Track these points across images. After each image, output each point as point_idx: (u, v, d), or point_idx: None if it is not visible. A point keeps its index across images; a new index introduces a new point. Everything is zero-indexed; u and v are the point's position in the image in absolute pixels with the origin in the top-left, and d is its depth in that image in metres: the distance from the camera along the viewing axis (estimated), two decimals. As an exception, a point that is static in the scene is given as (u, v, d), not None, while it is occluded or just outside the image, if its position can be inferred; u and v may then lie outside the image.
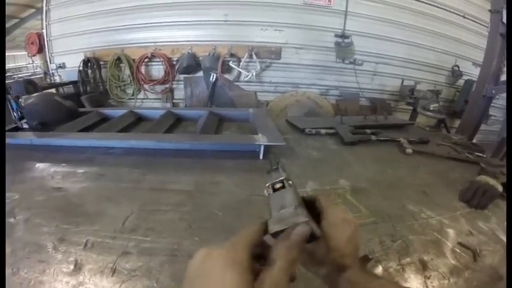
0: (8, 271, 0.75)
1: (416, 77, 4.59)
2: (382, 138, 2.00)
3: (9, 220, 0.97)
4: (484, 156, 1.74)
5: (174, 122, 2.16)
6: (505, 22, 3.03)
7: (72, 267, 0.77)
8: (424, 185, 1.37)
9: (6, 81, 4.35)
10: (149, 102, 4.87)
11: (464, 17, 4.53)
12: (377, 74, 4.65)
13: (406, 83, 4.53)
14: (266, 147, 1.54)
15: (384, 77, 4.67)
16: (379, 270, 0.82)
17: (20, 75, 6.19)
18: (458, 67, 4.73)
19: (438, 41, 4.60)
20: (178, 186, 1.21)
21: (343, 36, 4.30)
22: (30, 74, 5.79)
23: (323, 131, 2.08)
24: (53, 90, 4.70)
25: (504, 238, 1.00)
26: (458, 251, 0.93)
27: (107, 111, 2.31)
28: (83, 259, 0.80)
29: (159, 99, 4.82)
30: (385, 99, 4.74)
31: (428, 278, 0.81)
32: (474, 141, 2.92)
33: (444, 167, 1.60)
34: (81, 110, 2.26)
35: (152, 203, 1.09)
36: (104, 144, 1.63)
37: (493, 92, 3.25)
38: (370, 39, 4.41)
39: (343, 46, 4.31)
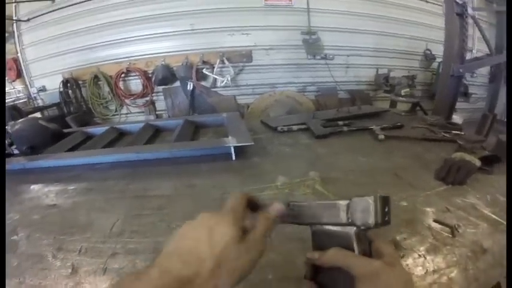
0: (15, 281, 0.92)
1: (390, 65, 4.95)
2: (354, 128, 2.07)
3: (12, 238, 1.16)
4: (462, 133, 1.80)
5: (154, 133, 2.40)
6: (459, 1, 3.29)
7: (70, 271, 0.95)
8: (397, 168, 1.43)
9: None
10: (133, 116, 5.19)
11: (427, 1, 4.85)
12: (350, 66, 4.99)
13: (381, 71, 4.87)
14: (238, 148, 1.72)
15: (357, 68, 5.03)
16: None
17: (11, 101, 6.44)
18: (430, 51, 5.06)
19: (407, 28, 4.96)
20: (158, 192, 1.41)
21: (310, 33, 4.62)
22: (14, 99, 6.04)
23: (295, 128, 2.16)
24: (38, 114, 5.02)
25: (485, 211, 1.04)
26: (435, 228, 0.96)
27: (91, 129, 2.54)
28: (78, 263, 0.98)
29: (142, 112, 5.15)
30: (363, 90, 5.08)
31: (402, 257, 0.85)
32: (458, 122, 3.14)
33: (419, 149, 1.65)
34: (66, 130, 2.49)
35: (136, 208, 1.28)
36: (90, 161, 1.86)
37: (461, 70, 3.41)
38: (338, 33, 4.77)
39: (310, 42, 4.64)
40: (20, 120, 2.35)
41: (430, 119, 2.13)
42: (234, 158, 1.71)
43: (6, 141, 2.20)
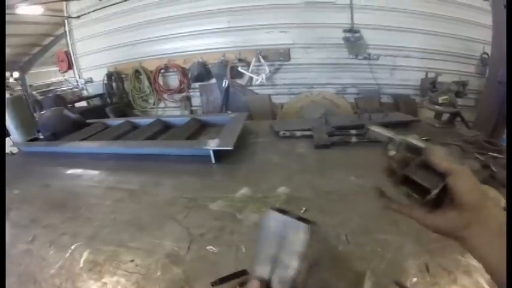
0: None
1: (441, 68, 4.54)
2: (364, 140, 1.87)
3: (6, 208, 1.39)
4: (501, 157, 1.49)
5: (162, 129, 2.53)
6: None
7: (30, 239, 1.16)
8: (391, 198, 1.27)
9: (42, 97, 5.15)
10: (169, 110, 5.42)
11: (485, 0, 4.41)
12: (396, 68, 4.67)
13: (431, 75, 4.51)
14: (222, 151, 1.76)
15: (404, 70, 4.69)
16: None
17: (61, 89, 7.05)
18: (488, 54, 4.60)
19: (461, 28, 4.53)
20: (126, 186, 1.55)
21: (352, 30, 4.41)
22: (66, 88, 6.63)
23: (298, 134, 2.08)
24: (83, 103, 5.50)
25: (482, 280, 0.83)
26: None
27: (110, 121, 2.78)
28: (38, 235, 1.18)
29: (178, 107, 5.34)
30: (409, 95, 4.76)
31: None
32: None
33: None
34: (89, 121, 2.74)
35: (101, 198, 1.45)
36: (91, 151, 2.09)
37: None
38: (383, 32, 4.48)
39: (353, 41, 4.43)
40: (48, 110, 2.59)
41: (467, 134, 1.86)
42: (213, 161, 1.75)
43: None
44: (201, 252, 1.00)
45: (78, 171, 1.83)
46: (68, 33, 5.59)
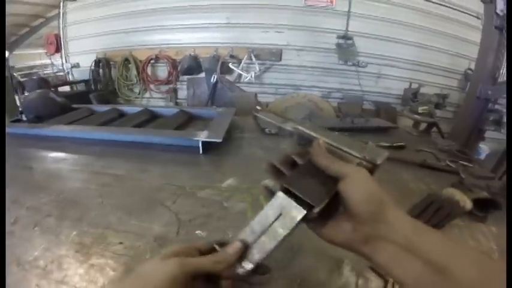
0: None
1: (425, 80, 4.75)
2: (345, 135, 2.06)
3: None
4: (471, 166, 1.58)
5: (149, 118, 2.52)
6: (500, 13, 2.95)
7: (12, 220, 1.13)
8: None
9: (25, 79, 5.10)
10: (154, 101, 5.44)
11: (478, 18, 4.63)
12: (381, 77, 4.86)
13: (414, 86, 4.70)
14: (209, 143, 1.78)
15: (389, 79, 4.88)
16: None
17: (44, 73, 6.96)
18: (472, 70, 4.82)
19: (449, 43, 4.75)
20: (112, 171, 1.54)
21: (346, 37, 4.57)
22: (50, 72, 6.56)
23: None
24: (67, 88, 5.47)
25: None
26: (366, 276, 0.83)
27: (96, 107, 2.76)
28: (21, 216, 1.15)
29: (164, 98, 5.38)
30: (390, 103, 4.93)
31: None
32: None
33: (410, 175, 1.49)
34: (75, 106, 2.68)
35: (87, 182, 1.43)
36: (76, 135, 2.05)
37: (489, 93, 3.16)
38: (376, 41, 4.65)
39: (344, 47, 4.58)
40: (32, 92, 2.59)
41: (441, 144, 1.96)
42: (201, 152, 1.78)
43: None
44: (190, 236, 1.01)
45: (62, 154, 1.80)
46: (61, 15, 5.55)
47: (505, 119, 4.58)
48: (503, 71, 2.95)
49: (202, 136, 1.79)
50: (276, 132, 2.14)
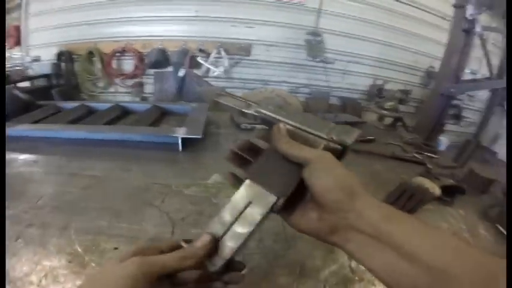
0: None
1: (389, 77, 4.95)
2: None
3: None
4: (435, 156, 1.73)
5: (120, 114, 2.43)
6: (469, 18, 3.20)
7: None
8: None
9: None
10: (120, 96, 5.26)
11: (443, 18, 4.85)
12: (347, 73, 4.99)
13: (378, 82, 4.88)
14: (188, 140, 1.73)
15: (355, 76, 5.03)
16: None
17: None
18: (434, 68, 5.04)
19: (413, 41, 4.98)
20: (92, 172, 1.45)
21: (315, 34, 4.66)
22: (10, 66, 6.22)
23: (259, 127, 2.23)
24: (27, 83, 5.16)
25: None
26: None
27: (63, 104, 2.63)
28: None
29: (129, 93, 5.22)
30: (356, 99, 5.09)
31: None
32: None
33: (382, 167, 1.57)
34: (40, 103, 2.53)
35: (65, 185, 1.33)
36: (46, 135, 1.90)
37: (452, 90, 3.38)
38: (343, 38, 4.78)
39: (313, 44, 4.68)
40: None
41: (407, 137, 2.10)
42: (180, 149, 1.74)
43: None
44: (186, 235, 0.94)
45: (33, 156, 1.66)
46: (24, 6, 5.28)
47: (463, 113, 4.87)
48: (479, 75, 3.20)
49: (182, 132, 1.74)
50: (251, 128, 2.15)
